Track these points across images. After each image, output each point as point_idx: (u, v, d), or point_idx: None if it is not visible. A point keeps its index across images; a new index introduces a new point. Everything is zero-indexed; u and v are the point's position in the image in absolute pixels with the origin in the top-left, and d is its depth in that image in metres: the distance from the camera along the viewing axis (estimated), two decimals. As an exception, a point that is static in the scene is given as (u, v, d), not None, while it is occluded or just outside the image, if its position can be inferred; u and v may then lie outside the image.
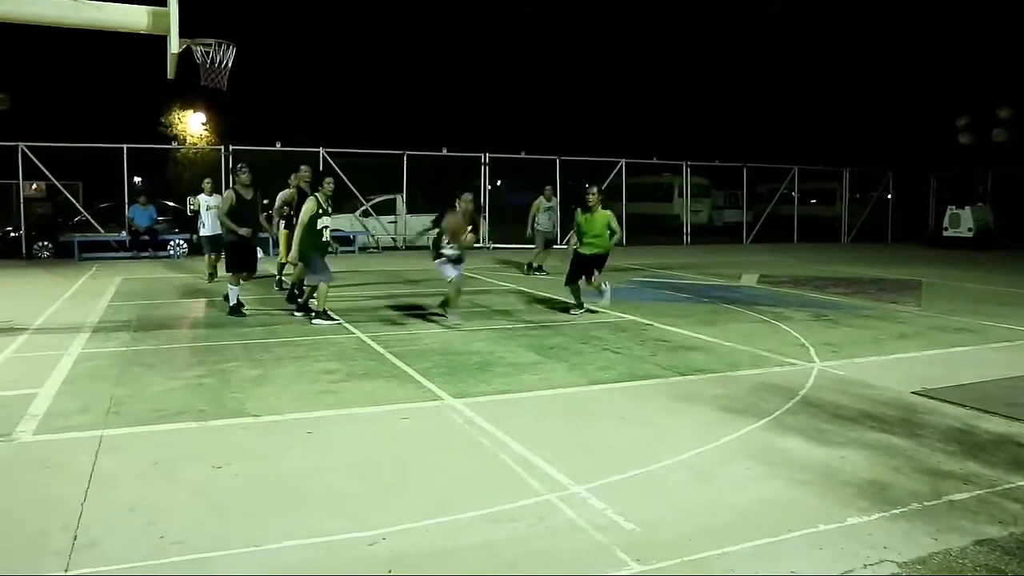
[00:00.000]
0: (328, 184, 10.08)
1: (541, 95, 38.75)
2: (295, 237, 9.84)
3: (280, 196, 12.26)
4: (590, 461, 4.84)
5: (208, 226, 13.92)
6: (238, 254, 10.38)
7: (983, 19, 31.18)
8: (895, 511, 4.11)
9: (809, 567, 3.51)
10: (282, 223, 12.16)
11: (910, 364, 7.79)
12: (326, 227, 9.94)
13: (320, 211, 9.82)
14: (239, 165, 10.73)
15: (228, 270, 10.46)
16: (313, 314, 9.99)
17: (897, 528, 3.92)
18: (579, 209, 10.75)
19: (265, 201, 12.39)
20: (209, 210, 13.91)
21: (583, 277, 10.58)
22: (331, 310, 10.14)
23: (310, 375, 7.10)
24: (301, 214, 9.84)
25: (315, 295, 10.06)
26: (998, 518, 4.04)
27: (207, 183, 14.55)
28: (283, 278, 12.86)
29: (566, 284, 10.75)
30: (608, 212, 10.50)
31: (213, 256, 13.92)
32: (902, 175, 29.69)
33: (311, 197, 9.94)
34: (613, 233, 10.36)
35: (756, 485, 4.51)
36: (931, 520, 4.01)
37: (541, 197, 16.13)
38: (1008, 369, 7.47)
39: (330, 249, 10.28)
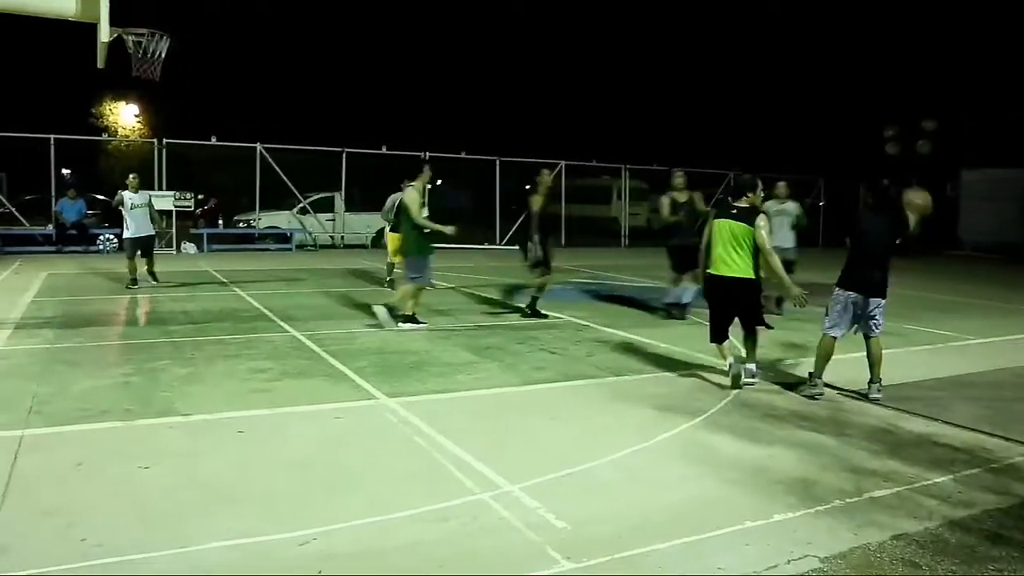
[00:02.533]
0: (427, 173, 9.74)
1: (483, 96, 38.78)
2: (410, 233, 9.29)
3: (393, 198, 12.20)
4: (524, 460, 4.86)
5: (133, 227, 12.45)
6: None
7: (913, 32, 32.28)
8: (819, 507, 4.22)
9: (735, 563, 3.58)
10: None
11: (838, 366, 7.99)
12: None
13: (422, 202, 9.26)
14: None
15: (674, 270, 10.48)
16: (401, 317, 9.31)
17: (821, 524, 4.03)
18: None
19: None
20: (135, 208, 12.49)
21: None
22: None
23: (242, 373, 6.98)
24: (410, 205, 9.14)
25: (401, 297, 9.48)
26: (914, 514, 4.19)
27: (133, 179, 12.81)
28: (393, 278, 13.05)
29: None
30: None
31: (135, 260, 12.55)
32: (832, 183, 30.54)
33: (413, 188, 9.33)
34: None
35: (687, 484, 4.59)
36: (853, 516, 4.13)
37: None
38: (929, 371, 7.75)
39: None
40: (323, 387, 6.59)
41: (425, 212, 9.34)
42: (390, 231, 12.72)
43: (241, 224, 22.88)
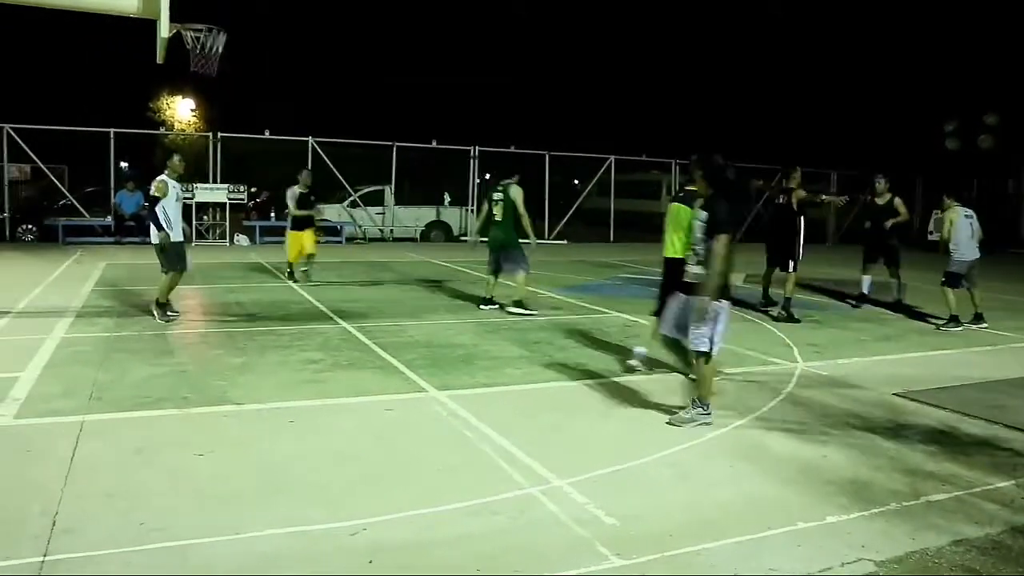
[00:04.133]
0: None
1: (533, 89, 38.70)
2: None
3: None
4: (572, 455, 4.85)
5: (175, 227, 9.01)
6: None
7: (974, 25, 31.38)
8: (874, 510, 4.14)
9: (788, 565, 3.53)
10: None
11: (893, 366, 7.84)
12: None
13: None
14: None
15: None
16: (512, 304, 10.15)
17: (875, 527, 3.95)
18: None
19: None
20: (178, 201, 9.11)
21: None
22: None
23: (294, 364, 7.08)
24: (519, 202, 9.91)
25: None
26: (975, 519, 4.08)
27: (178, 162, 9.17)
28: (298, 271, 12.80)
29: None
30: None
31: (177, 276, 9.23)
32: (890, 178, 29.83)
33: (517, 185, 10.05)
34: None
35: (737, 482, 4.53)
36: (909, 519, 4.04)
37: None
38: (989, 372, 7.53)
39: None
40: (373, 379, 6.65)
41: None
42: (293, 230, 12.64)
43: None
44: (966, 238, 9.98)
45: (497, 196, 10.05)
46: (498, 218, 10.04)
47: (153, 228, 8.86)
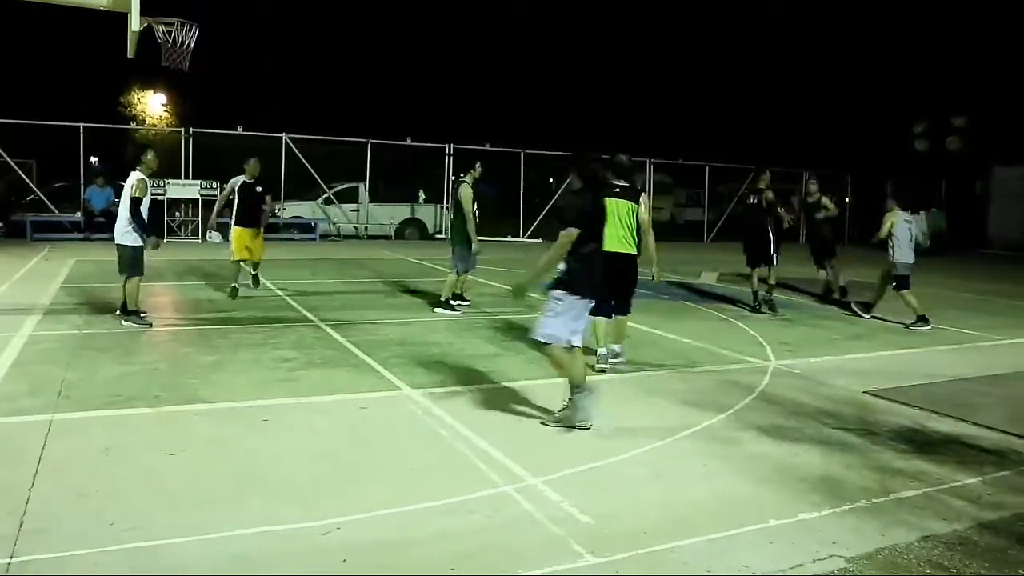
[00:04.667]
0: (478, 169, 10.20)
1: (507, 88, 38.69)
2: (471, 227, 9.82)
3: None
4: (547, 454, 4.86)
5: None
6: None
7: (942, 28, 31.82)
8: (845, 507, 4.19)
9: (760, 561, 3.56)
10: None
11: (863, 364, 7.94)
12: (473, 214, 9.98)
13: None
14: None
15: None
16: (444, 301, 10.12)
17: (846, 523, 3.99)
18: None
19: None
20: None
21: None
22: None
23: (267, 363, 7.03)
24: (465, 201, 9.80)
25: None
26: (943, 515, 4.14)
27: (151, 157, 8.69)
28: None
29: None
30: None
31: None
32: (859, 179, 30.20)
33: (466, 184, 9.95)
34: None
35: (711, 480, 4.57)
36: (879, 516, 4.09)
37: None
38: (957, 371, 7.64)
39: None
40: (348, 377, 6.62)
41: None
42: (239, 225, 10.84)
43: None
44: (905, 242, 10.26)
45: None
46: (452, 216, 10.26)
47: (137, 232, 8.29)
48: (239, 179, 10.89)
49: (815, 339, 9.14)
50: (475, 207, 9.88)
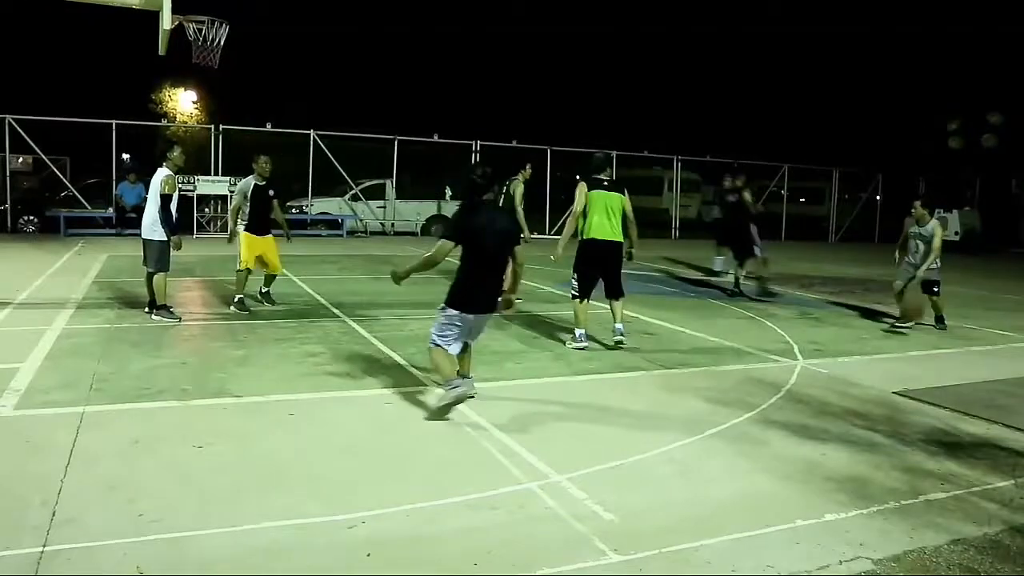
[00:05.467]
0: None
1: (534, 84, 38.65)
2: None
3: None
4: (572, 451, 4.85)
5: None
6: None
7: (976, 24, 31.30)
8: (873, 508, 4.14)
9: (786, 562, 3.53)
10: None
11: (893, 364, 7.84)
12: None
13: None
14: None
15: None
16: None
17: (874, 525, 3.95)
18: None
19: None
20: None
21: None
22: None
23: (294, 357, 7.08)
24: (519, 199, 10.25)
25: None
26: (973, 518, 4.08)
27: (178, 154, 8.71)
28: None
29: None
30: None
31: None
32: (891, 177, 29.83)
33: (517, 181, 10.38)
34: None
35: (737, 479, 4.54)
36: (908, 518, 4.04)
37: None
38: (990, 372, 7.52)
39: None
40: (373, 372, 6.65)
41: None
42: (251, 231, 9.58)
43: (294, 210, 23.22)
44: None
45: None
46: None
47: (164, 228, 8.34)
48: (250, 181, 9.67)
49: (843, 338, 9.03)
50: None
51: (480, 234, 5.47)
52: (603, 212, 7.81)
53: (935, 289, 9.73)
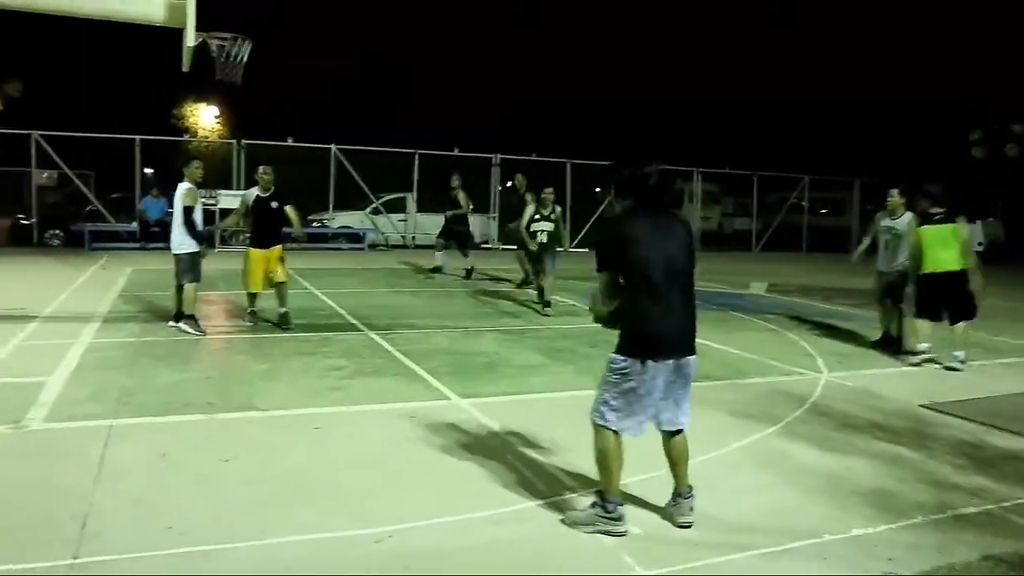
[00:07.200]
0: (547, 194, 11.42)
1: (554, 98, 38.78)
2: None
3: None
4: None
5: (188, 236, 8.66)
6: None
7: (1000, 34, 31.09)
8: (901, 523, 4.10)
9: (814, 577, 3.50)
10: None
11: (919, 377, 7.76)
12: (541, 231, 11.21)
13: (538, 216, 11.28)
14: None
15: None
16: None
17: (902, 540, 3.90)
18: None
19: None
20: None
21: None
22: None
23: (318, 371, 7.12)
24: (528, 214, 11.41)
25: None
26: (1005, 533, 4.02)
27: (195, 167, 8.93)
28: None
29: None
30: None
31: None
32: (911, 187, 29.57)
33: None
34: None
35: (763, 493, 4.51)
36: (937, 533, 3.99)
37: None
38: (1018, 385, 7.43)
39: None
40: (397, 386, 6.68)
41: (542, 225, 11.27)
42: (254, 246, 9.39)
43: (315, 224, 23.37)
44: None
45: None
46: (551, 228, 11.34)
47: (190, 239, 8.59)
48: (252, 192, 9.44)
49: (868, 350, 8.95)
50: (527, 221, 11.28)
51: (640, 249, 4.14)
52: None
53: (899, 295, 8.70)
